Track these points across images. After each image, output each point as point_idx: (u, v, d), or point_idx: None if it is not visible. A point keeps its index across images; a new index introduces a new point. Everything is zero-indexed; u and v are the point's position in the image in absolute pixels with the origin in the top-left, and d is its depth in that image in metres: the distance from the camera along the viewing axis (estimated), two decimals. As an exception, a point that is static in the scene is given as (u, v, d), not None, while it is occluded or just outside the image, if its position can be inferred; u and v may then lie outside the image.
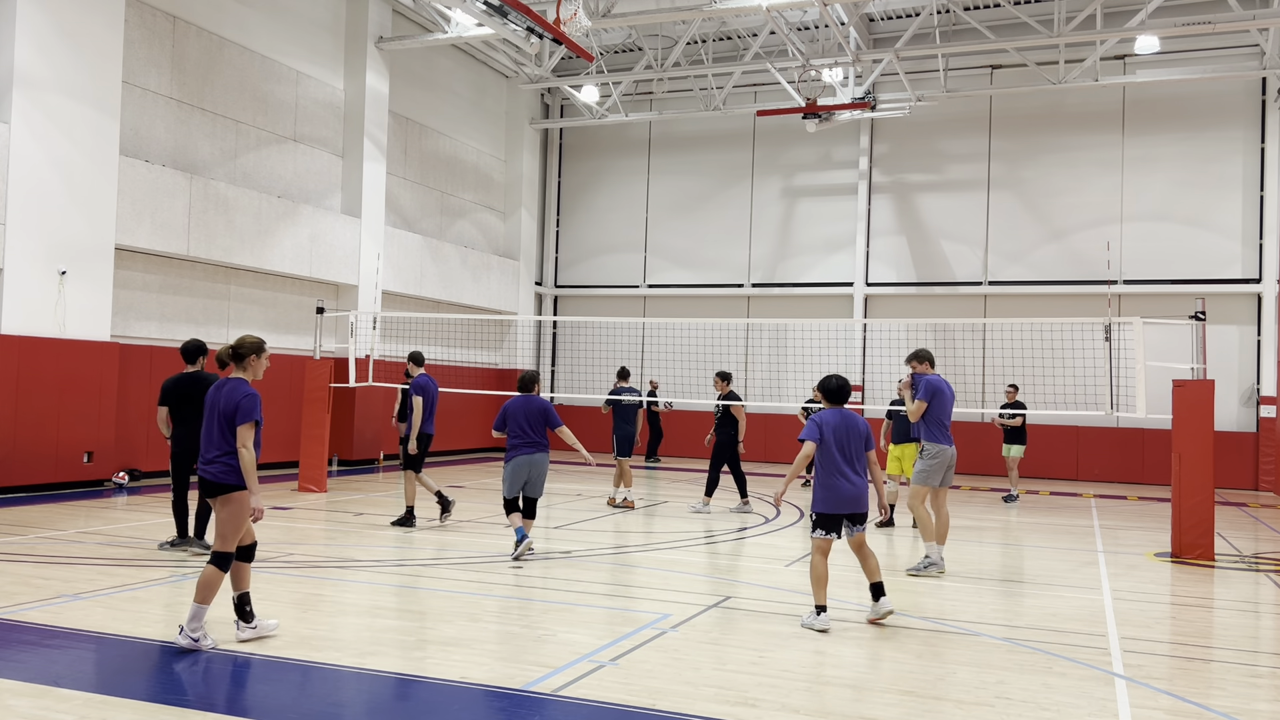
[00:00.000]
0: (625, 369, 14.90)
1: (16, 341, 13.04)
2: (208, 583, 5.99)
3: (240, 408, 6.04)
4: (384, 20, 20.02)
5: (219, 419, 6.09)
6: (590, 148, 26.34)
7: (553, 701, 5.25)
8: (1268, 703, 5.60)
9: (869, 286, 23.30)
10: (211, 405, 6.16)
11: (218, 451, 6.07)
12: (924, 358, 9.76)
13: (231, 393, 6.12)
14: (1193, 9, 19.86)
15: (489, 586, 8.27)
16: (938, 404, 9.43)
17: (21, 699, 5.04)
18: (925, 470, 9.42)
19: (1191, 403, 10.73)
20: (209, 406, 6.19)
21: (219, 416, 6.09)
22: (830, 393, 7.31)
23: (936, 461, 9.38)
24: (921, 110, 22.12)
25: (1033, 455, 19.08)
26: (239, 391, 6.11)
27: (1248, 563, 10.61)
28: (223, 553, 6.06)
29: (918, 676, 5.88)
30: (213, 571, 6.01)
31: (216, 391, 6.20)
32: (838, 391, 7.30)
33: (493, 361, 24.52)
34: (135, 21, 15.27)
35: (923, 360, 9.75)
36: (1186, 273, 20.88)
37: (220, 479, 6.05)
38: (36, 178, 13.23)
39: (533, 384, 9.92)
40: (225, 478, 6.04)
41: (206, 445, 6.13)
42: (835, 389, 7.31)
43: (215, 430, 6.10)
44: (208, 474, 6.09)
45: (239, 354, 6.32)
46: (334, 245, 18.68)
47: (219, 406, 6.11)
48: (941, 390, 9.47)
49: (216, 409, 6.11)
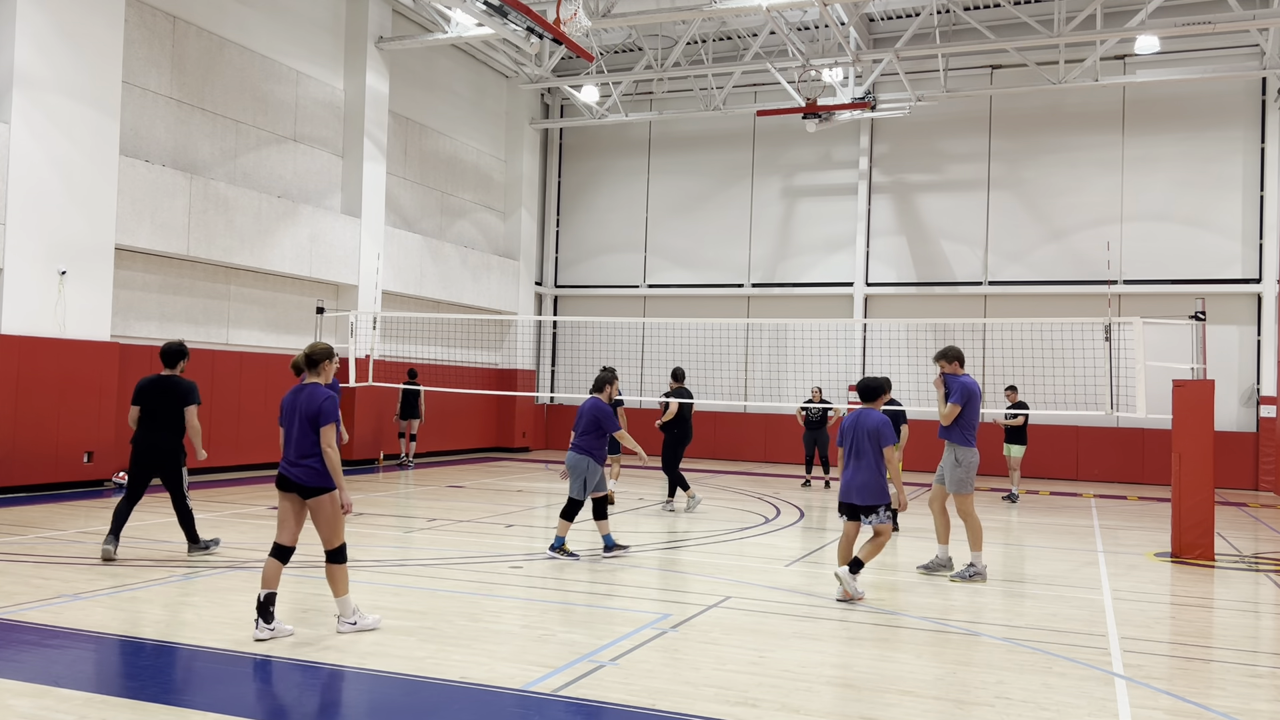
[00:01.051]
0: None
1: (16, 341, 13.04)
2: (336, 577, 6.38)
3: (322, 410, 6.30)
4: (384, 20, 20.02)
5: (301, 423, 6.32)
6: (590, 148, 26.34)
7: (553, 701, 5.25)
8: (1268, 703, 5.60)
9: (869, 286, 23.31)
10: (291, 410, 6.39)
11: (303, 454, 6.32)
12: (953, 356, 9.18)
13: (311, 397, 6.36)
14: (1193, 9, 19.86)
15: (489, 587, 8.27)
16: (971, 408, 9.03)
17: (21, 699, 5.04)
18: (964, 479, 9.03)
19: (1191, 403, 10.73)
20: (288, 412, 6.42)
21: (301, 420, 6.32)
22: (859, 392, 8.26)
23: (972, 467, 9.04)
24: (921, 110, 22.12)
25: (1033, 455, 19.09)
26: (319, 395, 6.35)
27: (1248, 563, 10.61)
28: (337, 548, 6.39)
29: (918, 676, 5.88)
30: (335, 568, 6.39)
31: (295, 397, 6.43)
32: (863, 391, 8.19)
33: (493, 361, 24.52)
34: (135, 21, 15.27)
35: (952, 360, 9.18)
36: (1186, 273, 20.88)
37: (306, 481, 6.32)
38: (36, 178, 13.24)
39: (601, 386, 9.97)
40: (312, 480, 6.31)
41: (290, 448, 6.37)
42: (860, 389, 8.25)
43: (298, 434, 6.34)
44: (295, 476, 6.33)
45: (313, 360, 6.58)
46: (334, 245, 18.68)
47: (300, 411, 6.33)
48: (975, 392, 9.05)
49: (297, 413, 6.33)
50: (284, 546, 6.43)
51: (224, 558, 9.06)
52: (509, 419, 24.36)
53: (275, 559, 6.40)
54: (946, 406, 9.07)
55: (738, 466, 21.85)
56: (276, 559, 6.40)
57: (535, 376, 25.71)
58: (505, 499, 14.64)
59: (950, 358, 9.21)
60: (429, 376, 20.00)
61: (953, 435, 9.11)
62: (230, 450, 16.81)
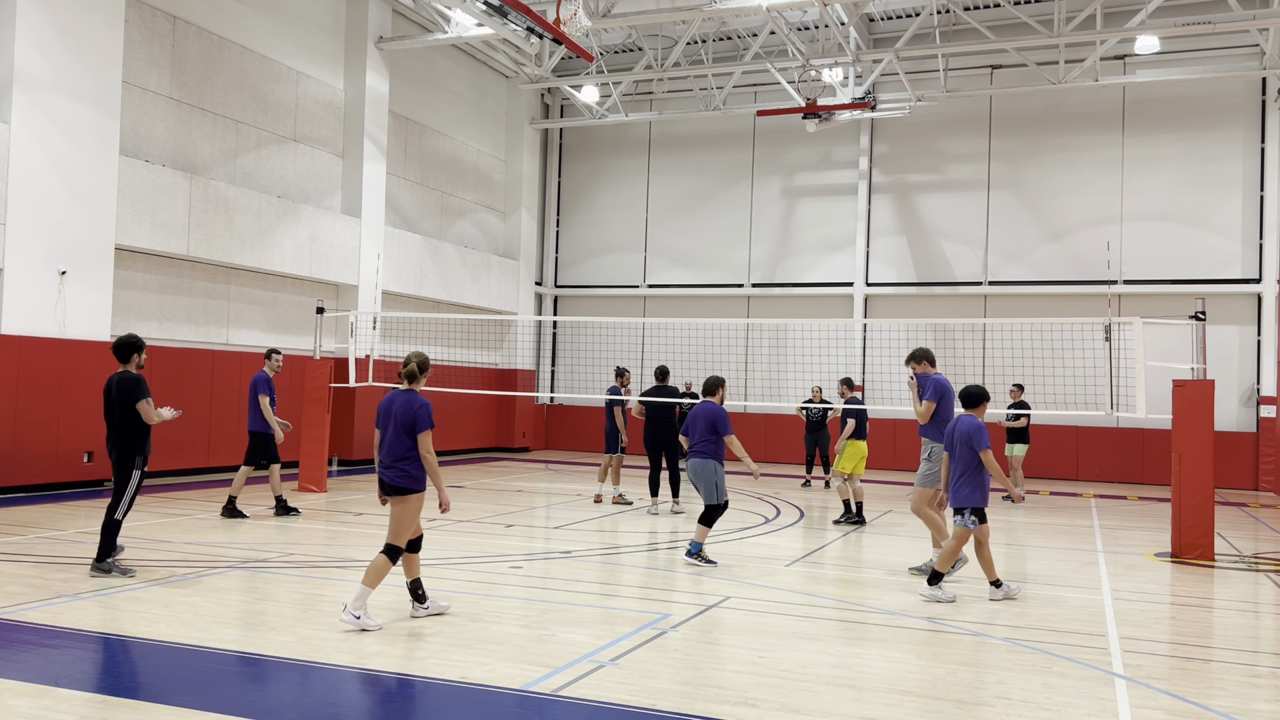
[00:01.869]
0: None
1: (16, 341, 13.04)
2: (378, 570, 6.63)
3: (418, 418, 6.70)
4: (384, 20, 20.02)
5: (396, 428, 6.71)
6: (590, 148, 26.34)
7: (553, 701, 5.25)
8: (1268, 703, 5.60)
9: (869, 286, 23.30)
10: (387, 416, 6.77)
11: (397, 457, 6.70)
12: (922, 357, 9.56)
13: (407, 406, 6.74)
14: (1193, 9, 19.86)
15: (489, 587, 8.27)
16: (945, 405, 9.21)
17: (21, 699, 5.04)
18: (930, 473, 9.19)
19: (1191, 403, 10.73)
20: (385, 417, 6.80)
21: (396, 426, 6.71)
22: (961, 399, 8.52)
23: (941, 464, 9.03)
24: (921, 110, 22.12)
25: (1033, 455, 19.07)
26: (415, 404, 6.74)
27: (1248, 563, 10.61)
28: (395, 546, 6.72)
29: (918, 676, 5.88)
30: (384, 561, 6.67)
31: (390, 404, 6.79)
32: (965, 398, 8.44)
33: (493, 361, 24.52)
34: (135, 21, 15.27)
35: (921, 360, 9.55)
36: (1186, 273, 20.88)
37: (399, 483, 6.71)
38: (36, 178, 13.24)
39: (714, 389, 9.80)
40: (404, 481, 6.71)
41: (386, 452, 6.74)
42: (963, 396, 8.49)
43: (393, 438, 6.73)
44: (388, 478, 6.74)
45: (422, 370, 6.97)
46: (334, 245, 18.68)
47: (395, 418, 6.72)
48: (949, 390, 9.27)
49: (393, 420, 6.72)
50: (410, 539, 6.85)
51: (224, 558, 9.06)
52: (509, 419, 24.36)
53: (407, 551, 6.84)
54: (921, 405, 9.29)
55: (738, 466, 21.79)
56: (408, 551, 6.86)
57: (535, 376, 25.71)
58: (505, 499, 14.64)
59: (919, 358, 9.61)
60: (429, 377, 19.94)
61: (929, 432, 9.29)
62: (230, 450, 16.79)
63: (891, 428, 21.78)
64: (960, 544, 8.18)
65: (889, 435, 22.01)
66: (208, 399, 16.43)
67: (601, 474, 14.55)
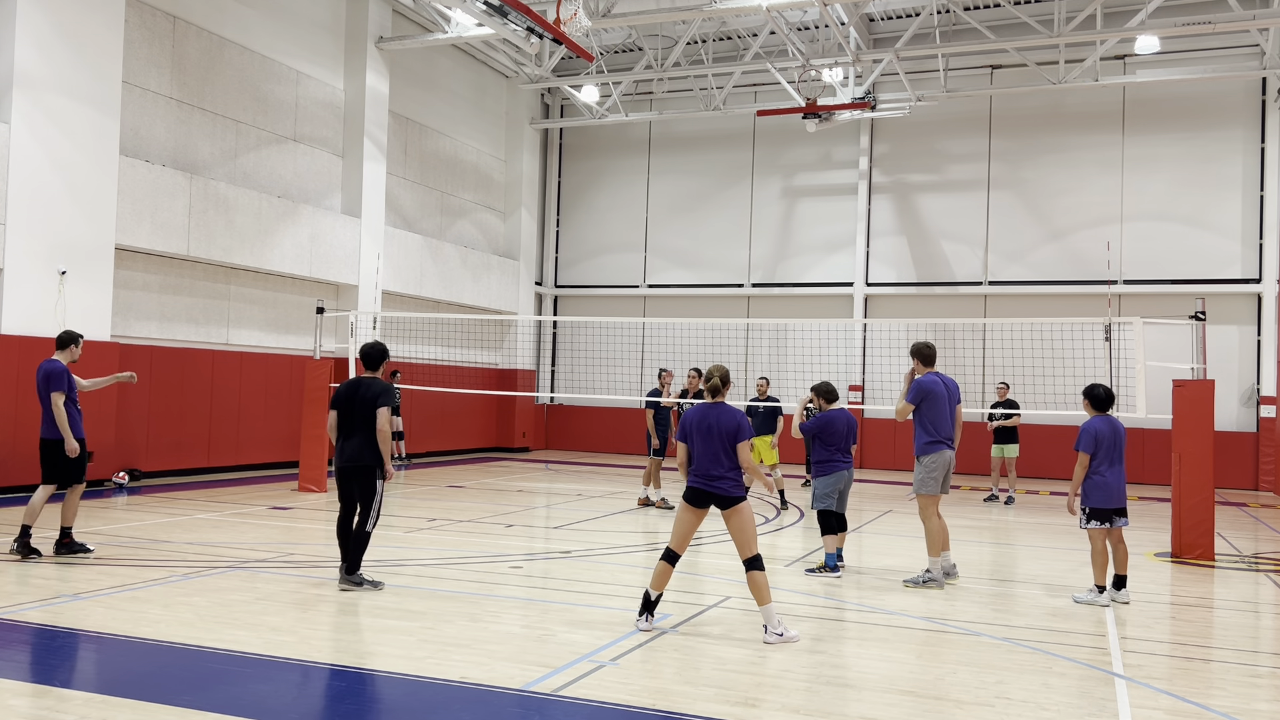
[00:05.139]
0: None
1: (16, 341, 13.04)
2: (759, 585, 6.64)
3: (740, 428, 6.79)
4: (384, 20, 20.02)
5: (719, 440, 6.75)
6: (590, 148, 26.34)
7: (553, 701, 5.25)
8: (1268, 703, 5.60)
9: (869, 286, 23.31)
10: (708, 429, 6.79)
11: (723, 470, 6.75)
12: (915, 354, 8.99)
13: (729, 417, 6.81)
14: (1193, 9, 19.85)
15: (489, 587, 8.27)
16: (929, 407, 8.72)
17: (21, 699, 5.04)
18: (924, 478, 8.73)
19: (1191, 403, 10.74)
20: (704, 431, 6.80)
21: (718, 438, 6.75)
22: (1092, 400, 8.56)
23: (934, 467, 8.73)
24: (921, 110, 22.12)
25: (1034, 455, 19.07)
26: (735, 414, 6.85)
27: (1248, 563, 10.61)
28: (753, 556, 6.70)
29: (918, 676, 5.88)
30: (757, 574, 6.65)
31: (706, 415, 6.84)
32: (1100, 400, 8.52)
33: (493, 361, 24.52)
34: (135, 21, 15.27)
35: (915, 356, 8.99)
36: (1186, 273, 20.88)
37: (730, 493, 6.75)
38: (37, 178, 13.23)
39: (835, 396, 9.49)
40: (735, 490, 6.76)
41: (712, 465, 6.77)
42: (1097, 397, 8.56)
43: (717, 450, 6.76)
44: (719, 489, 6.75)
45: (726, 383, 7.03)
46: (334, 245, 18.68)
47: (716, 429, 6.76)
48: (933, 392, 8.74)
49: (714, 431, 6.77)
50: (676, 553, 6.85)
51: (224, 558, 9.06)
52: (509, 419, 24.36)
53: (666, 562, 6.83)
54: (900, 404, 8.94)
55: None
56: (667, 562, 6.83)
57: (535, 376, 25.71)
58: (505, 499, 14.64)
59: (913, 354, 9.04)
60: (430, 376, 19.99)
61: (918, 436, 8.86)
62: (230, 450, 16.82)
63: (891, 428, 21.79)
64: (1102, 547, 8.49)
65: (889, 435, 22.02)
66: (208, 399, 16.43)
67: (646, 477, 14.16)
